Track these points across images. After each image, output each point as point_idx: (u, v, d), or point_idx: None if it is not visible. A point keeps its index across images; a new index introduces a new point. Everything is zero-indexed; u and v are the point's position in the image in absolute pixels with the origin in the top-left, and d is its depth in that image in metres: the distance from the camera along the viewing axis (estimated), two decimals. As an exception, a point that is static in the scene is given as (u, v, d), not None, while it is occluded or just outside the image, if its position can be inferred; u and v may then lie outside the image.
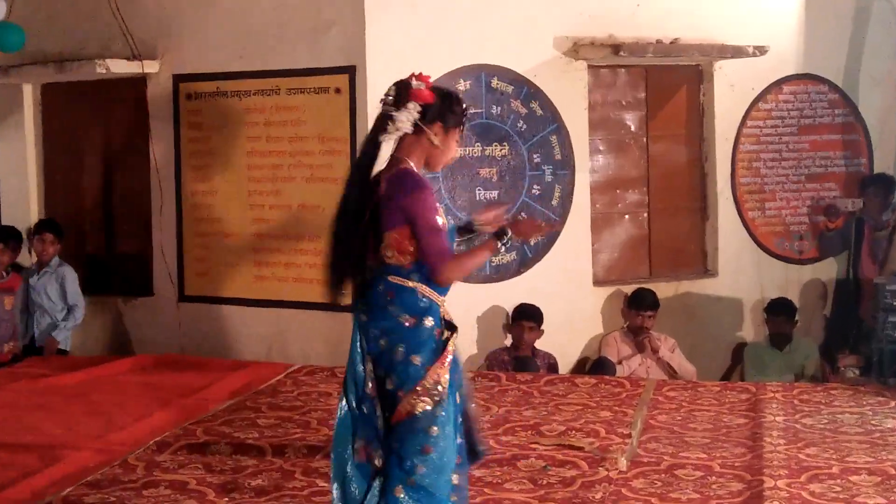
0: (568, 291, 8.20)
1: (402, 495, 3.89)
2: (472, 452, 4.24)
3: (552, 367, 7.83)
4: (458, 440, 4.08)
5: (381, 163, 4.15)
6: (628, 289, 8.30)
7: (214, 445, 5.83)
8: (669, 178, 8.86)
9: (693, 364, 8.11)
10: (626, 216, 8.74)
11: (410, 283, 4.00)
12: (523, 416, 6.35)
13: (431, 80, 4.15)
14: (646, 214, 8.78)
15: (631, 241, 8.75)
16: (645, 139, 8.77)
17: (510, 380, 7.22)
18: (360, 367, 4.04)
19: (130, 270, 8.79)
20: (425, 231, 3.95)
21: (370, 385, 4.02)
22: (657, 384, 7.18)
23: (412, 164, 4.08)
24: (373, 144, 4.12)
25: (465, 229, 4.52)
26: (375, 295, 4.05)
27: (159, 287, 8.56)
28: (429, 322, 4.00)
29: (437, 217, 3.97)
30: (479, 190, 8.03)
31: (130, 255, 8.84)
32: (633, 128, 8.76)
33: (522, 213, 4.28)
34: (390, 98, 4.09)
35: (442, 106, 4.09)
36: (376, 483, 3.97)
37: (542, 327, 7.76)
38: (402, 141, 4.10)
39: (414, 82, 4.09)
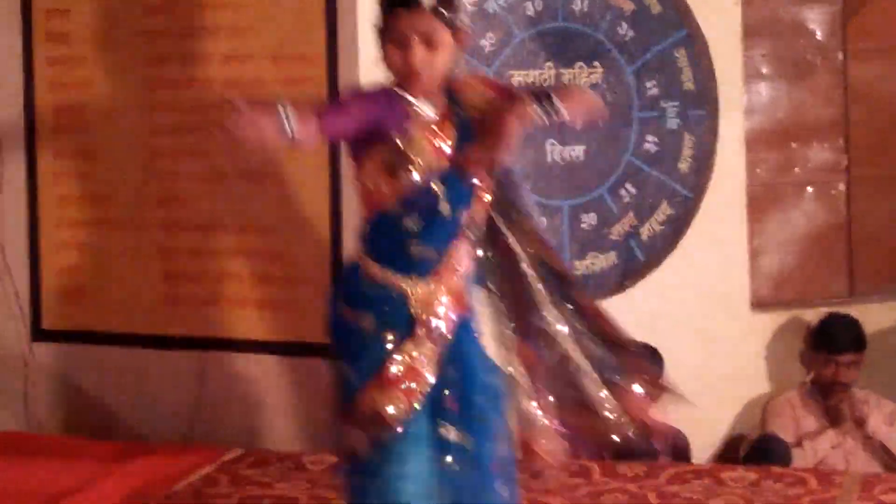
0: (709, 320, 8.29)
1: None
2: None
3: (681, 450, 7.85)
4: None
5: None
6: (813, 316, 8.33)
7: None
8: (883, 125, 8.90)
9: (927, 445, 8.04)
10: (810, 190, 8.78)
11: (361, 257, 4.62)
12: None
13: None
14: (842, 186, 8.81)
15: (818, 233, 8.79)
16: (841, 56, 8.81)
17: (607, 474, 7.22)
18: None
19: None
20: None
21: None
22: (864, 481, 7.13)
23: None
24: None
25: None
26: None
27: (-1, 318, 8.63)
28: (368, 318, 4.51)
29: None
30: (551, 145, 8.12)
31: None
32: (819, 36, 8.77)
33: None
34: None
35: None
36: None
37: (663, 379, 7.72)
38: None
39: None
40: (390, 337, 4.46)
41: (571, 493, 6.91)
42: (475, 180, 4.69)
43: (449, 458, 4.57)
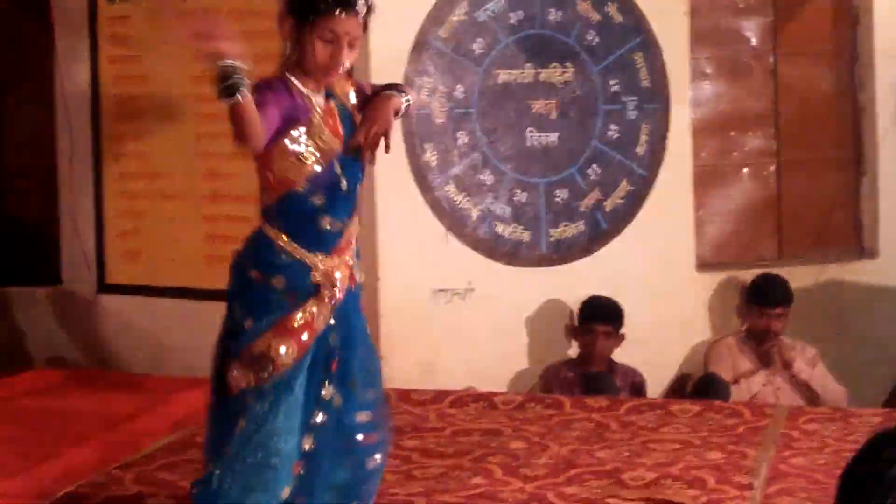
0: (660, 280, 8.27)
1: (222, 479, 4.43)
2: None
3: (637, 388, 7.88)
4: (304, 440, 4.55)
5: None
6: (748, 276, 8.34)
7: (151, 499, 5.87)
8: (808, 116, 8.90)
9: (842, 384, 8.12)
10: (745, 170, 8.80)
11: (269, 231, 4.49)
12: (596, 459, 6.35)
13: None
14: (773, 168, 8.82)
15: (752, 206, 8.81)
16: (771, 58, 8.81)
17: (577, 406, 7.22)
18: None
19: (28, 248, 8.89)
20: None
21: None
22: (790, 413, 7.17)
23: (288, 73, 4.50)
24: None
25: None
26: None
27: (70, 273, 8.66)
28: (277, 282, 4.45)
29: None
30: (530, 132, 8.11)
31: (27, 227, 8.95)
32: (753, 41, 8.79)
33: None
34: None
35: None
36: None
37: (623, 331, 7.77)
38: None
39: None
40: (295, 296, 4.41)
41: (546, 422, 6.94)
42: (363, 160, 4.65)
43: (321, 417, 4.55)
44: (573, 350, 7.90)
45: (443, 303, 7.74)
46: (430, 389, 7.40)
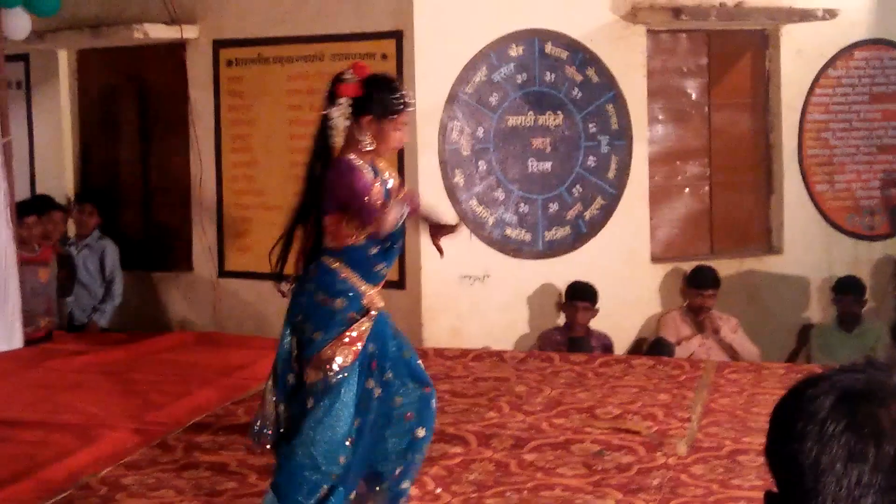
0: (624, 269, 8.20)
1: (298, 450, 4.33)
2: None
3: (607, 347, 7.84)
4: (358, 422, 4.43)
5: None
6: (688, 266, 8.27)
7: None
8: (732, 150, 8.82)
9: (756, 345, 8.06)
10: (687, 189, 8.70)
11: (335, 265, 4.38)
12: (577, 399, 6.37)
13: (368, 70, 4.45)
14: (707, 188, 8.74)
15: (691, 215, 8.72)
16: (707, 108, 8.73)
17: (563, 361, 7.22)
18: (286, 339, 4.50)
19: (169, 245, 8.86)
20: (345, 198, 4.31)
21: (293, 348, 4.48)
22: (718, 366, 7.17)
23: (352, 155, 4.37)
24: (319, 140, 4.48)
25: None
26: (305, 272, 4.51)
27: (199, 262, 8.62)
28: (340, 304, 4.36)
29: (359, 187, 4.30)
30: (531, 161, 8.04)
31: (169, 230, 8.91)
32: (694, 96, 8.72)
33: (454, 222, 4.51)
34: (325, 94, 4.47)
35: (371, 98, 4.35)
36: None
37: (597, 306, 7.75)
38: (348, 131, 4.39)
39: (346, 76, 4.40)
40: (350, 315, 4.33)
41: (541, 372, 6.93)
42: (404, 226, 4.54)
43: (367, 404, 4.45)
44: (561, 320, 7.86)
45: (467, 285, 7.70)
46: (457, 348, 7.40)
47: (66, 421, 5.94)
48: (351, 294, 4.36)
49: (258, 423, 4.51)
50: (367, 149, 4.37)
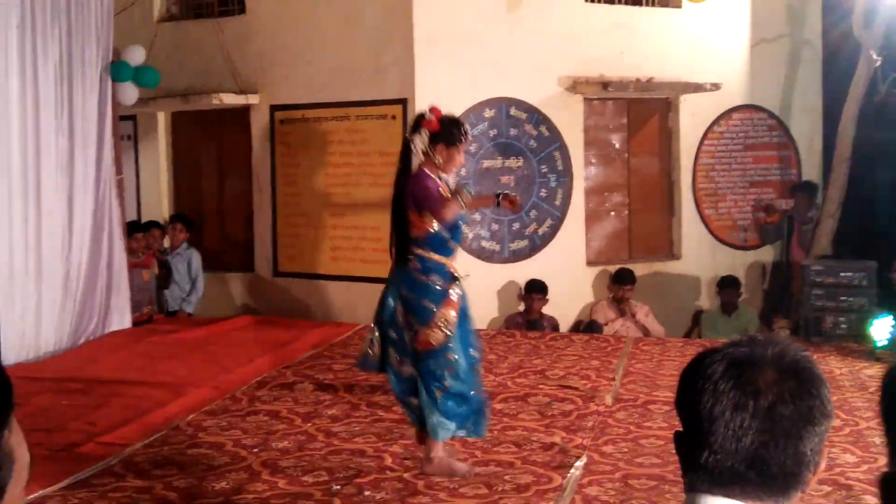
0: (567, 270, 8.19)
1: (440, 396, 4.29)
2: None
3: (555, 327, 7.83)
4: (471, 352, 4.51)
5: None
6: (613, 268, 8.27)
7: (300, 384, 5.90)
8: (645, 185, 8.82)
9: (662, 326, 8.08)
10: (612, 213, 8.70)
11: (424, 253, 4.37)
12: (533, 364, 6.38)
13: (443, 111, 4.44)
14: (626, 212, 8.74)
15: (615, 232, 8.71)
16: (626, 154, 8.73)
17: (523, 337, 7.24)
18: (391, 304, 4.42)
19: (237, 253, 8.83)
20: (422, 198, 4.31)
21: (401, 319, 4.40)
22: (634, 341, 7.18)
23: (427, 168, 4.38)
24: (403, 159, 4.46)
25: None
26: (406, 259, 4.41)
27: (259, 266, 8.60)
28: (436, 279, 4.35)
29: (430, 190, 4.34)
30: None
31: (237, 242, 8.88)
32: (617, 146, 8.72)
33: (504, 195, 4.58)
34: (410, 126, 4.51)
35: (443, 131, 4.38)
36: (420, 386, 4.35)
37: (547, 297, 7.76)
38: (425, 154, 4.40)
39: (427, 114, 4.43)
40: (446, 284, 4.34)
41: (507, 345, 6.91)
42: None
43: (470, 340, 4.53)
44: (521, 307, 7.86)
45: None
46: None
47: (162, 381, 5.95)
48: (441, 270, 4.37)
49: (364, 357, 4.56)
50: (438, 166, 4.40)
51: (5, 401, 0.85)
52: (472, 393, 4.41)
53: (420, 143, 4.38)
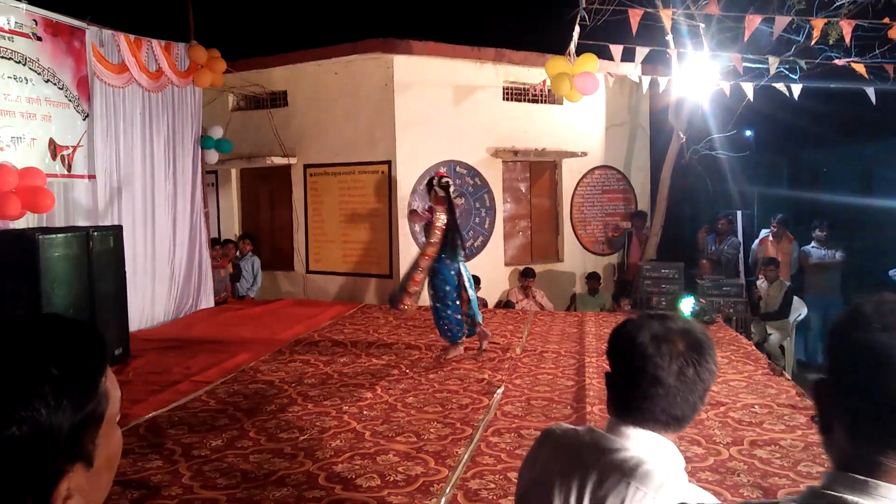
0: (492, 269, 8.16)
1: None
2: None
3: (485, 305, 7.74)
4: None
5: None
6: (521, 267, 8.23)
7: (322, 343, 5.79)
8: (541, 215, 8.79)
9: (551, 303, 8.07)
10: (520, 233, 8.67)
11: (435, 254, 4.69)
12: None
13: (443, 171, 4.74)
14: (529, 232, 8.72)
15: (522, 245, 8.67)
16: (529, 196, 8.71)
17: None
18: (451, 271, 4.77)
19: (282, 257, 8.64)
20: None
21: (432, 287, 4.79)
22: (534, 313, 7.14)
23: (439, 205, 4.78)
24: (448, 200, 4.81)
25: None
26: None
27: (297, 266, 8.44)
28: (449, 272, 4.74)
29: (440, 222, 4.60)
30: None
31: (283, 251, 8.68)
32: (523, 190, 8.70)
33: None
34: (426, 186, 4.89)
35: (442, 187, 4.77)
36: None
37: (481, 286, 7.71)
38: (433, 198, 4.79)
39: (435, 180, 4.78)
40: (458, 281, 4.49)
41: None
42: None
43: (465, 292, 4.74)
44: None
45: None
46: (420, 305, 7.34)
47: (234, 340, 5.83)
48: (453, 269, 4.68)
49: (394, 296, 4.81)
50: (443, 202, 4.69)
51: (102, 354, 0.82)
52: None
53: (433, 194, 4.75)
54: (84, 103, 5.77)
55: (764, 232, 8.16)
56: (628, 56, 6.59)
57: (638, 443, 1.24)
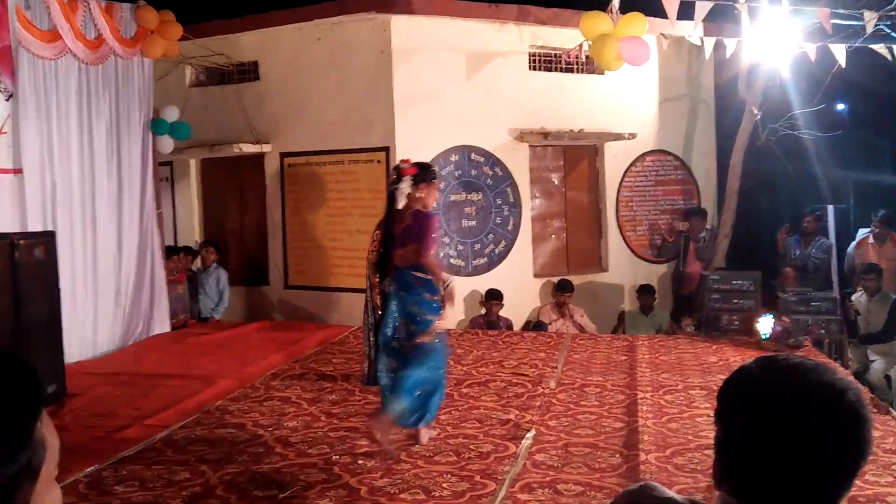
0: (518, 281, 8.17)
1: (420, 370, 4.21)
2: None
3: (510, 326, 7.80)
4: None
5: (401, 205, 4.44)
6: (555, 279, 8.25)
7: (306, 375, 5.83)
8: (579, 213, 8.82)
9: (594, 324, 8.08)
10: (553, 235, 8.70)
11: (427, 276, 4.31)
12: (492, 356, 6.34)
13: (412, 160, 4.50)
14: (564, 234, 8.75)
15: (556, 250, 8.70)
16: (564, 189, 8.75)
17: (484, 335, 7.20)
18: (395, 315, 4.34)
19: (255, 270, 8.71)
20: (427, 239, 4.30)
21: (401, 329, 4.33)
22: (573, 336, 7.17)
23: (419, 206, 4.39)
24: (390, 200, 4.46)
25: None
26: (411, 280, 4.31)
27: (273, 280, 8.51)
28: (435, 296, 4.34)
29: (435, 233, 4.39)
30: (464, 220, 8.04)
31: (256, 261, 8.75)
32: (556, 182, 8.74)
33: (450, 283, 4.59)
34: (393, 177, 4.47)
35: (421, 174, 4.40)
36: (400, 373, 4.24)
37: (503, 302, 7.75)
38: (409, 195, 4.38)
39: (402, 165, 4.43)
40: (439, 297, 4.34)
41: (472, 342, 6.84)
42: None
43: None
44: (483, 311, 7.84)
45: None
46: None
47: (195, 374, 5.86)
48: (435, 290, 4.32)
49: (365, 374, 4.58)
50: (422, 202, 4.38)
51: (36, 397, 0.81)
52: (437, 379, 4.38)
53: (406, 187, 4.35)
54: (7, 80, 5.84)
55: (862, 232, 8.12)
56: (686, 13, 6.52)
57: None
